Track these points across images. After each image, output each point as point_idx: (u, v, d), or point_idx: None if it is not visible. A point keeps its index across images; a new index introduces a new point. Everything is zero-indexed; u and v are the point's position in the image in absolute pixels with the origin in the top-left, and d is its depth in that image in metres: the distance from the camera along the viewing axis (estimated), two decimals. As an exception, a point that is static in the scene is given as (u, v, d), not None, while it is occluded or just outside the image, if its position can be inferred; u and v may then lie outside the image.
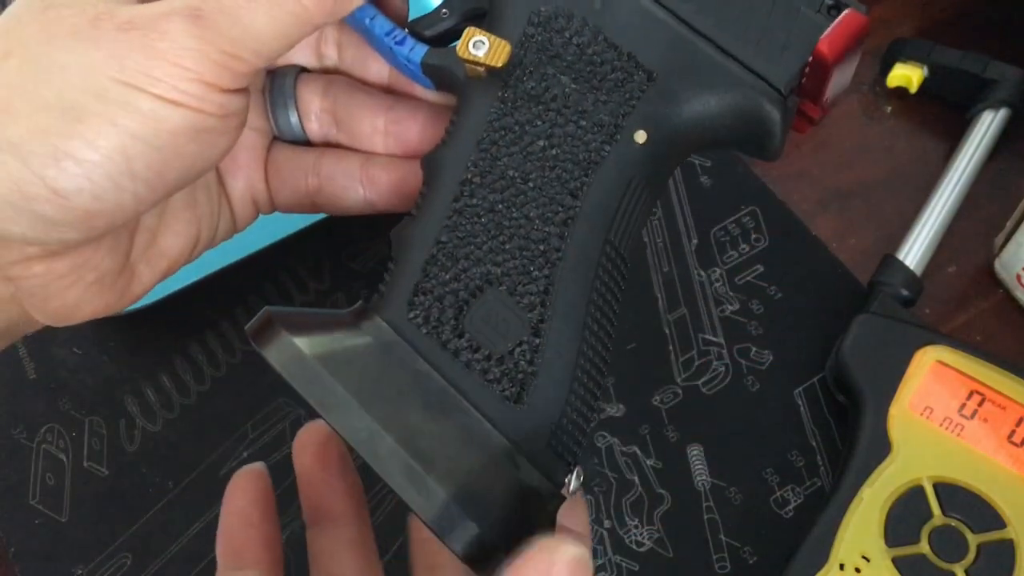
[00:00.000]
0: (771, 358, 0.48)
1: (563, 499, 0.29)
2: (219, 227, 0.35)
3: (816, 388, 0.48)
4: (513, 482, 0.28)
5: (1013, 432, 0.43)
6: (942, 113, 0.55)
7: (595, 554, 0.44)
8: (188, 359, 0.49)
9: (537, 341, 0.29)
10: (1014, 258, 0.49)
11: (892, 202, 0.53)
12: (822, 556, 0.41)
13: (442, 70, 0.33)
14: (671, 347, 0.49)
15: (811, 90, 0.32)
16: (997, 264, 0.50)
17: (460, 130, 0.31)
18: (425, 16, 0.34)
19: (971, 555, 0.41)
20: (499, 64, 0.30)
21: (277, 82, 0.36)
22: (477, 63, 0.30)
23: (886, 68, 0.56)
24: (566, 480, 0.29)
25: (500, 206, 0.30)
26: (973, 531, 0.41)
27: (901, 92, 0.56)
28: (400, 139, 0.35)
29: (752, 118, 0.31)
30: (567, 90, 0.31)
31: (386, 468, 0.26)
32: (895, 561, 0.41)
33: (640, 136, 0.31)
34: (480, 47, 0.30)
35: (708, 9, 0.31)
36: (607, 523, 0.45)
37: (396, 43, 0.33)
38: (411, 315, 0.29)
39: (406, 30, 0.34)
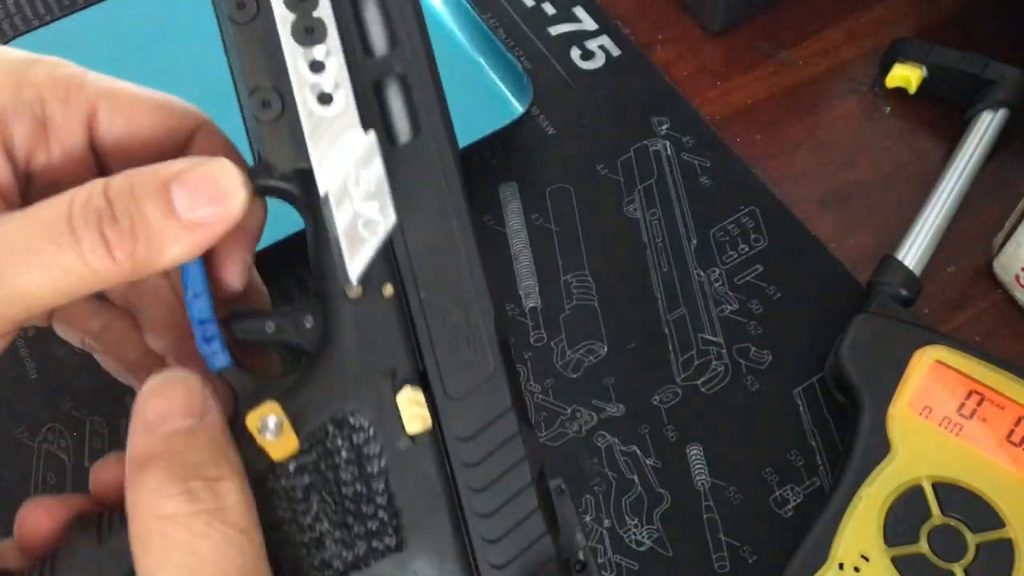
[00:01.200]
0: (770, 358, 0.48)
1: None
2: None
3: (815, 388, 0.48)
4: None
5: (1012, 432, 0.43)
6: (941, 113, 0.56)
7: (595, 553, 0.44)
8: (189, 359, 0.49)
9: None
10: (1013, 258, 0.49)
11: (891, 202, 0.53)
12: (821, 555, 0.41)
13: (231, 390, 0.29)
14: (671, 347, 0.49)
15: None
16: (996, 264, 0.50)
17: None
18: (250, 317, 0.30)
19: (970, 554, 0.41)
20: (273, 459, 0.28)
21: None
22: (256, 441, 0.28)
23: (885, 68, 0.56)
24: None
25: None
26: (972, 530, 0.41)
27: (900, 92, 0.56)
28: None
29: None
30: (318, 518, 0.28)
31: None
32: (894, 560, 0.41)
33: None
34: (268, 430, 0.27)
35: (489, 509, 0.29)
36: (607, 522, 0.45)
37: (204, 338, 0.29)
38: None
39: (219, 324, 0.29)
